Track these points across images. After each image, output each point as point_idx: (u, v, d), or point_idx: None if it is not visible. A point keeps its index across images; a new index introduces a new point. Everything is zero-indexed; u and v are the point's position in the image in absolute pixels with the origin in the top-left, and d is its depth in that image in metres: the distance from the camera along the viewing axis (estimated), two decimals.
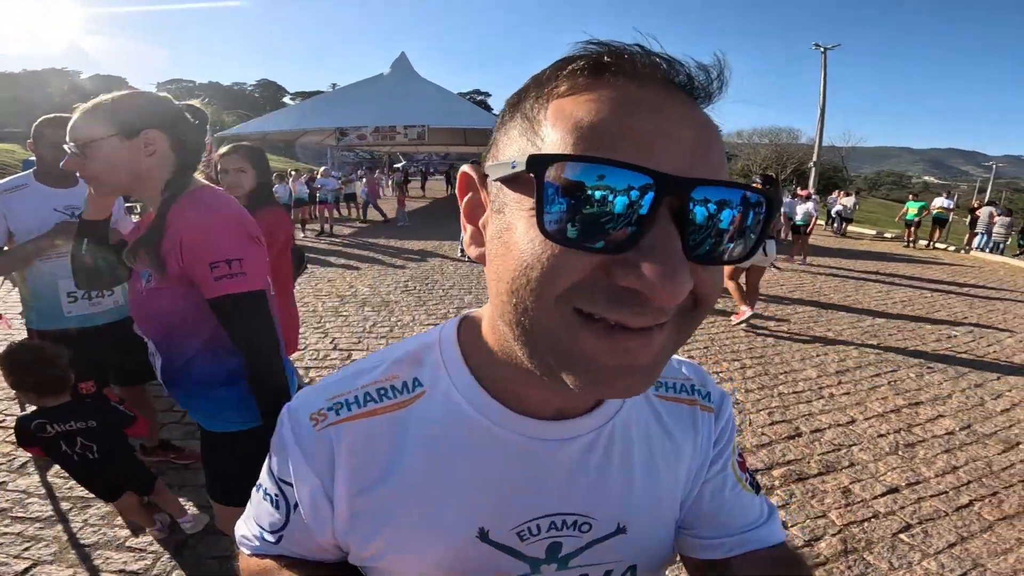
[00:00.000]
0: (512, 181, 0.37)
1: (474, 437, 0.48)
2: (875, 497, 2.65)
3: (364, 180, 13.48)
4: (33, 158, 2.20)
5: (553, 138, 0.35)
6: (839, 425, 3.41)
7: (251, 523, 0.57)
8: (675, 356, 0.55)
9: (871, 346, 5.08)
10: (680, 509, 0.58)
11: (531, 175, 0.33)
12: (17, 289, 2.33)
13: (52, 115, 2.12)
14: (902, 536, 2.38)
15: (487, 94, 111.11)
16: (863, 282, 8.35)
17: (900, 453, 3.09)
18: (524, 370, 0.41)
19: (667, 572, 0.76)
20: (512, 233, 0.36)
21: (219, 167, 2.27)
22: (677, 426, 0.56)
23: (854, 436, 3.27)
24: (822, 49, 22.65)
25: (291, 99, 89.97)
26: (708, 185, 0.33)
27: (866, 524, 2.45)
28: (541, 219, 0.33)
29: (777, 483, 2.73)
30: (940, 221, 13.84)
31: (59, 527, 2.26)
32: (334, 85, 74.53)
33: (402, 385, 0.49)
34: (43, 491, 2.49)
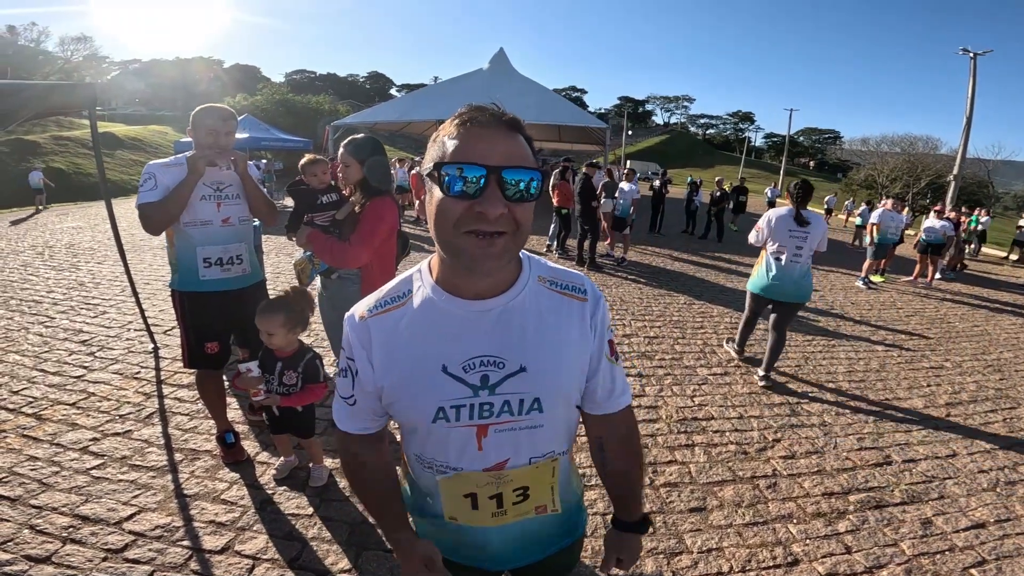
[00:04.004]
0: (431, 175, 0.77)
1: (436, 313, 0.86)
2: (956, 531, 2.49)
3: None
4: (184, 140, 2.50)
5: (444, 152, 0.76)
6: (937, 458, 3.14)
7: (338, 400, 0.97)
8: (569, 270, 0.97)
9: (992, 380, 4.57)
10: (581, 365, 0.93)
11: (437, 170, 0.75)
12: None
13: (208, 105, 2.40)
14: (972, 571, 2.23)
15: (583, 91, 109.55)
16: (996, 312, 7.41)
17: (998, 490, 2.85)
18: (452, 269, 0.84)
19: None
20: (433, 198, 0.77)
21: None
22: (563, 309, 0.91)
23: (951, 470, 3.02)
24: (971, 55, 19.91)
25: (397, 91, 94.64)
26: (510, 168, 0.74)
27: (938, 557, 2.31)
28: (442, 187, 0.74)
29: (852, 508, 2.58)
30: None
31: (168, 477, 2.48)
32: (436, 78, 77.28)
33: (401, 293, 0.90)
34: (162, 442, 2.75)
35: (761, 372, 4.06)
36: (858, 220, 15.14)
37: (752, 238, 4.13)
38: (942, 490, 2.81)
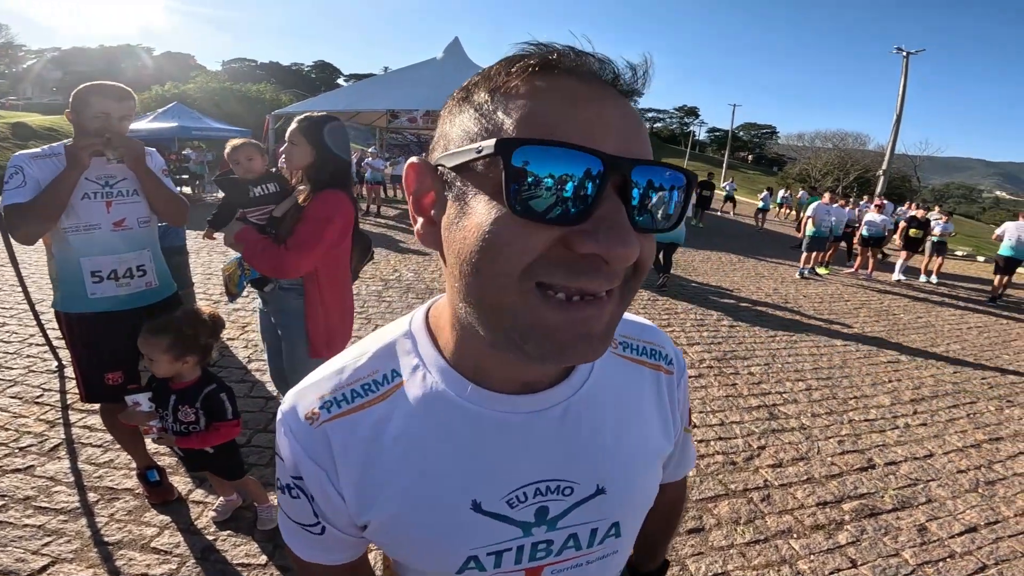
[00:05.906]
0: (468, 168, 0.39)
1: (452, 416, 0.50)
2: (952, 536, 2.47)
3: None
4: None
5: (510, 126, 0.38)
6: (916, 458, 3.13)
7: (289, 523, 0.58)
8: (638, 319, 0.65)
9: (947, 373, 4.69)
10: (660, 462, 0.63)
11: (497, 158, 0.36)
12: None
13: (97, 83, 1.93)
14: None
15: None
16: (935, 305, 7.75)
17: (980, 491, 2.86)
18: (487, 348, 0.46)
19: None
20: (472, 216, 0.39)
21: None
22: (644, 387, 0.61)
23: (932, 471, 3.01)
24: (904, 53, 20.95)
25: (345, 81, 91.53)
26: (645, 165, 0.38)
27: (941, 564, 2.28)
28: (510, 197, 0.36)
29: (847, 518, 2.50)
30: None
31: (83, 521, 2.11)
32: (386, 68, 75.35)
33: (382, 378, 0.53)
34: (71, 479, 2.36)
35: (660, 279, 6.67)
36: (760, 204, 16.29)
37: None
38: (928, 493, 2.78)
